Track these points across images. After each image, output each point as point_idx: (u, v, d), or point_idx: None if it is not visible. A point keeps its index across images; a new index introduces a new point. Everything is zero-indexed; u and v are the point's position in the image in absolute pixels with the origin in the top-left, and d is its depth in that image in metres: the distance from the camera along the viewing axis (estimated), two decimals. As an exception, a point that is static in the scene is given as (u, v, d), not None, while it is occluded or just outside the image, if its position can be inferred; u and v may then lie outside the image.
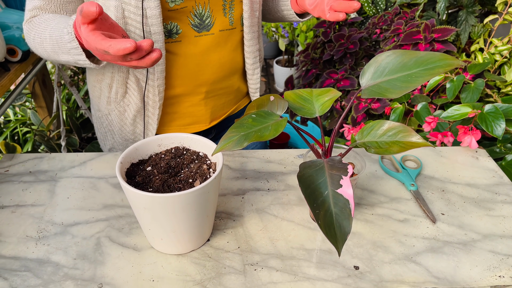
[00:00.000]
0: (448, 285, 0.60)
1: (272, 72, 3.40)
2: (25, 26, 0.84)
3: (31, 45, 0.84)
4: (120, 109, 0.94)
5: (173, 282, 0.61)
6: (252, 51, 0.96)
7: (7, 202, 0.75)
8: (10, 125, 1.77)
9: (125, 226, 0.70)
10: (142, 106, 0.91)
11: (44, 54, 0.82)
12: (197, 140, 0.69)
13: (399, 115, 1.10)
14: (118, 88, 0.90)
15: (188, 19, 0.84)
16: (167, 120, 0.96)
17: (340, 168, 0.53)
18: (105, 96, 0.94)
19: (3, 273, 0.62)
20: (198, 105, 0.96)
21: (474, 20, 1.36)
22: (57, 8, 0.82)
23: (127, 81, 0.88)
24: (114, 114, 0.95)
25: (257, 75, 1.01)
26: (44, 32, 0.77)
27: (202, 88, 0.93)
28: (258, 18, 0.94)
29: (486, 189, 0.79)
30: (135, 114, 0.93)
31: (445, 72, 0.62)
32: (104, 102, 0.95)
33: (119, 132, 0.98)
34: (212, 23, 0.87)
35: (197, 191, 0.56)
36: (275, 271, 0.62)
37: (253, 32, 0.94)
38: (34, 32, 0.80)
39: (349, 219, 0.48)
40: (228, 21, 0.89)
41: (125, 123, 0.95)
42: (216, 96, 0.97)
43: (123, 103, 0.92)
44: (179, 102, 0.94)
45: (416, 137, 0.56)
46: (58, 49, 0.75)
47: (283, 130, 0.62)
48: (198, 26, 0.85)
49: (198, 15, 0.84)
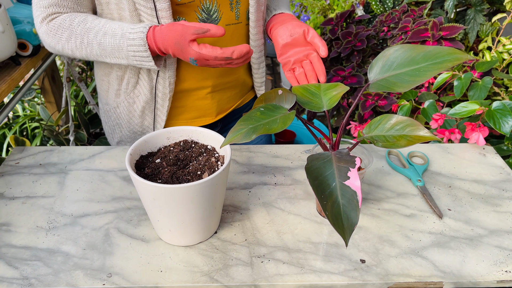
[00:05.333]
0: (455, 279, 0.60)
1: (278, 70, 3.40)
2: (45, 26, 0.83)
3: (60, 46, 0.84)
4: (129, 100, 0.95)
5: (181, 273, 0.61)
6: (257, 45, 0.97)
7: (18, 193, 0.76)
8: (19, 120, 1.79)
9: (134, 218, 0.71)
10: (151, 98, 0.92)
11: (78, 55, 0.85)
12: (206, 134, 0.69)
13: (406, 112, 1.10)
14: (130, 78, 0.91)
15: (196, 14, 0.85)
16: (175, 114, 0.97)
17: (347, 161, 0.54)
18: (113, 88, 0.95)
19: (14, 262, 0.63)
20: (205, 99, 0.97)
21: (482, 18, 1.36)
22: (73, 3, 0.83)
23: (139, 70, 0.90)
24: (123, 106, 0.97)
25: (262, 69, 1.02)
26: (88, 36, 0.81)
27: (209, 82, 0.94)
28: (263, 13, 0.95)
29: (493, 185, 0.79)
30: (144, 106, 0.94)
31: (453, 66, 0.62)
32: (113, 95, 0.96)
33: (127, 125, 0.99)
34: (219, 17, 0.88)
35: (206, 182, 0.57)
36: (282, 264, 0.63)
37: (259, 27, 0.95)
38: (68, 34, 0.81)
39: (356, 210, 0.48)
40: (234, 15, 0.90)
41: (134, 115, 0.96)
42: (222, 90, 0.99)
43: (133, 94, 0.94)
44: (186, 96, 0.95)
45: (423, 131, 0.56)
46: (111, 54, 0.81)
47: (291, 123, 0.62)
48: (205, 20, 0.86)
49: (206, 9, 0.85)
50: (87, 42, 0.81)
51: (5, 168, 0.83)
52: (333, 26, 1.64)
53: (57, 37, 0.83)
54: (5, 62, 1.06)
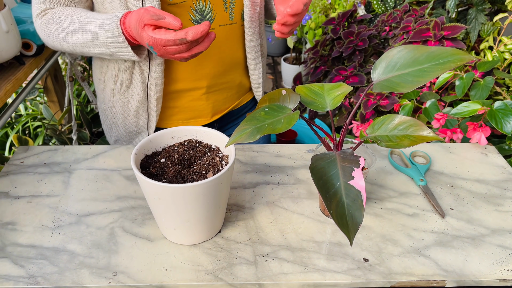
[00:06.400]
0: (457, 278, 0.61)
1: (279, 69, 3.41)
2: (39, 20, 0.86)
3: (50, 39, 0.86)
4: (124, 100, 0.95)
5: (185, 272, 0.62)
6: (253, 46, 0.96)
7: (23, 192, 0.77)
8: (21, 119, 1.80)
9: (138, 217, 0.72)
10: (144, 97, 0.92)
11: (66, 48, 0.85)
12: (210, 133, 0.70)
13: (408, 112, 1.10)
14: (123, 78, 0.92)
15: (189, 14, 0.85)
16: (168, 114, 0.97)
17: (352, 161, 0.54)
18: (109, 88, 0.96)
19: (20, 261, 0.63)
20: (199, 100, 0.97)
21: (484, 18, 1.36)
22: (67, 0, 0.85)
23: (132, 71, 0.90)
24: (118, 106, 0.97)
25: (259, 70, 1.02)
26: (73, 27, 0.81)
27: (203, 82, 0.94)
28: (259, 14, 0.94)
29: (495, 185, 0.79)
30: (138, 106, 0.94)
31: (456, 67, 0.62)
32: (109, 94, 0.97)
33: (122, 124, 1.00)
34: (213, 18, 0.88)
35: (210, 182, 0.58)
36: (285, 262, 0.63)
37: (254, 28, 0.94)
38: (57, 26, 0.82)
39: (361, 209, 0.49)
40: (228, 16, 0.90)
41: (129, 114, 0.97)
42: (217, 91, 0.98)
43: (128, 94, 0.94)
44: (180, 97, 0.95)
45: (426, 131, 0.57)
46: (92, 43, 0.81)
47: (295, 123, 0.63)
48: (198, 21, 0.86)
49: (199, 10, 0.85)
50: (72, 32, 0.82)
51: (10, 167, 0.83)
52: (334, 26, 1.65)
53: (48, 30, 0.84)
54: (10, 62, 1.06)
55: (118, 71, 0.92)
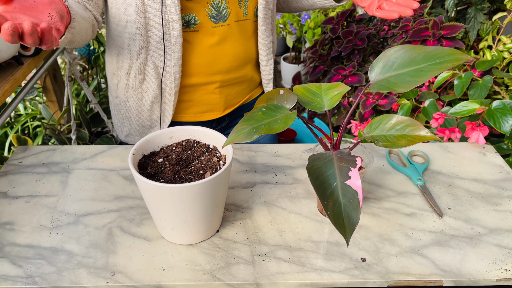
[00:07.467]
0: (454, 277, 0.61)
1: (279, 68, 3.41)
2: None
3: None
4: (138, 95, 0.96)
5: (183, 271, 0.62)
6: (266, 43, 0.98)
7: (21, 192, 0.77)
8: (20, 119, 1.80)
9: (136, 217, 0.72)
10: (159, 92, 0.93)
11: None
12: (208, 133, 0.70)
13: (407, 112, 1.10)
14: (136, 74, 0.93)
15: (206, 10, 0.86)
16: (183, 108, 0.99)
17: (348, 160, 0.54)
18: (123, 83, 0.97)
19: (18, 260, 0.63)
20: (213, 94, 0.98)
21: (483, 17, 1.36)
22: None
23: (145, 67, 0.91)
24: (132, 100, 0.98)
25: (270, 66, 1.04)
26: None
27: (217, 77, 0.96)
28: (272, 11, 0.97)
29: (493, 184, 0.79)
30: (153, 100, 0.95)
31: (454, 66, 0.62)
32: (123, 89, 0.98)
33: (136, 118, 1.01)
34: (229, 14, 0.89)
35: (208, 182, 0.58)
36: (283, 262, 0.63)
37: (267, 24, 0.96)
38: None
39: (357, 209, 0.49)
40: (242, 11, 0.91)
41: (143, 109, 0.98)
42: (230, 85, 1.00)
43: (141, 90, 0.95)
44: (194, 90, 0.97)
45: (424, 131, 0.57)
46: None
47: (292, 123, 0.63)
48: (215, 17, 0.88)
49: (215, 6, 0.87)
50: None
51: (8, 167, 0.83)
52: (333, 25, 1.65)
53: None
54: (8, 62, 1.06)
55: (129, 67, 0.93)
